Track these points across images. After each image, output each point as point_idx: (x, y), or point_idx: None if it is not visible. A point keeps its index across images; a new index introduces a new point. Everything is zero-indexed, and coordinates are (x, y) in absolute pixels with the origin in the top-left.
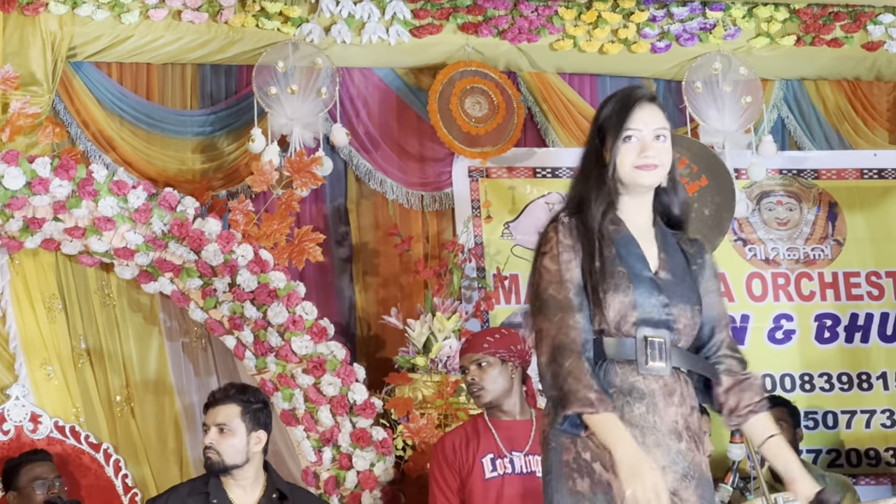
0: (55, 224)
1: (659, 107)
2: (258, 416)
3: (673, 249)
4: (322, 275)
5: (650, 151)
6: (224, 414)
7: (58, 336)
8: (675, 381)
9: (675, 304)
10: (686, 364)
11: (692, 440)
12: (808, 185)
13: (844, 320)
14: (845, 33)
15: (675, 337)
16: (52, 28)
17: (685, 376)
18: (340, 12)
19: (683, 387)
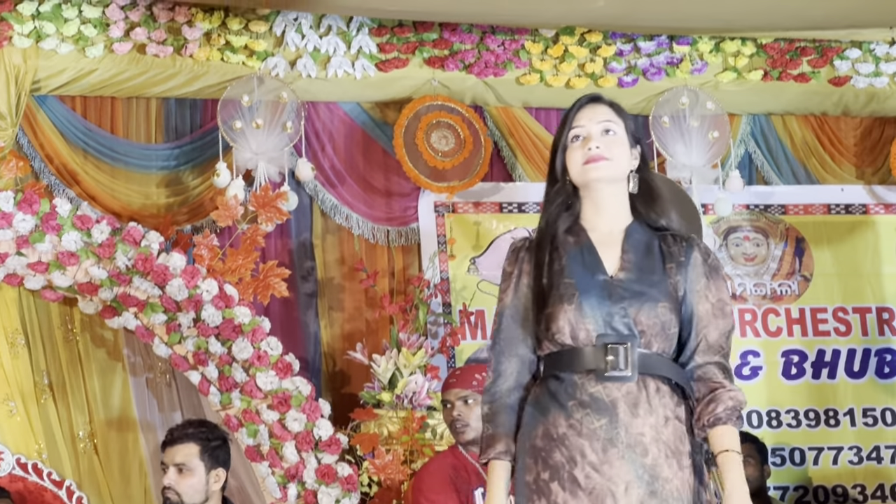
0: (18, 259)
1: (608, 105)
2: (217, 453)
3: (643, 248)
4: (287, 310)
5: (593, 143)
6: (183, 453)
7: (20, 371)
8: (641, 389)
9: (633, 305)
10: (656, 369)
11: (664, 454)
12: (775, 220)
13: (811, 356)
14: (812, 68)
15: (643, 340)
16: (16, 61)
17: (660, 383)
18: (306, 46)
19: (653, 396)
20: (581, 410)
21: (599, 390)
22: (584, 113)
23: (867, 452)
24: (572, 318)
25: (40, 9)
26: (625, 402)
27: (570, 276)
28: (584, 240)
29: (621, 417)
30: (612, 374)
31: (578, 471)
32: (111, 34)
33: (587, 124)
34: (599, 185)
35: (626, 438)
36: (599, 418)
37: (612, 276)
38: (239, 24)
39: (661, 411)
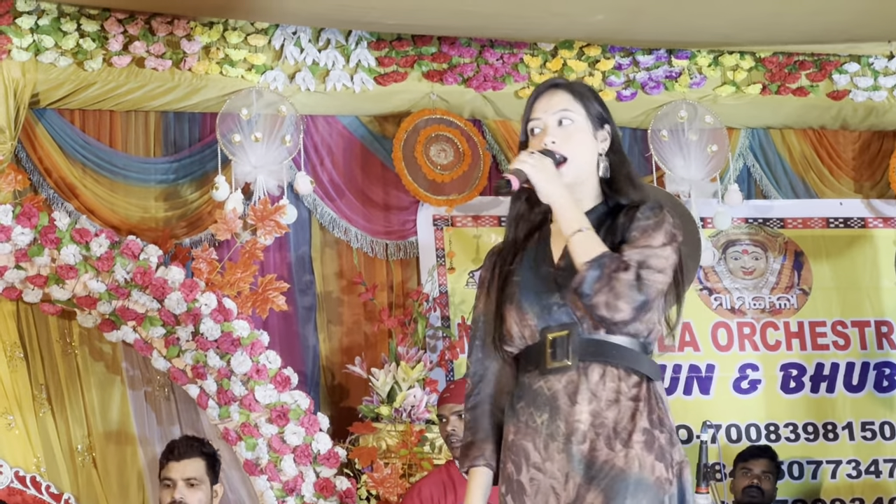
0: (17, 272)
1: (568, 90)
2: (217, 469)
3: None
4: (286, 323)
5: (549, 137)
6: (192, 468)
7: (19, 385)
8: (582, 377)
9: (568, 293)
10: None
11: (603, 436)
12: (773, 234)
13: (810, 370)
14: (811, 82)
15: (586, 325)
16: (15, 75)
17: (607, 368)
18: (305, 60)
19: (596, 382)
20: (526, 411)
21: (542, 385)
22: (540, 103)
23: (866, 466)
24: (516, 317)
25: (39, 22)
26: (565, 392)
27: (518, 274)
28: (545, 234)
29: (561, 409)
30: (552, 365)
31: (524, 475)
32: (110, 47)
33: (543, 115)
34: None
35: (565, 429)
36: (541, 414)
37: (556, 266)
38: (238, 38)
39: (605, 395)
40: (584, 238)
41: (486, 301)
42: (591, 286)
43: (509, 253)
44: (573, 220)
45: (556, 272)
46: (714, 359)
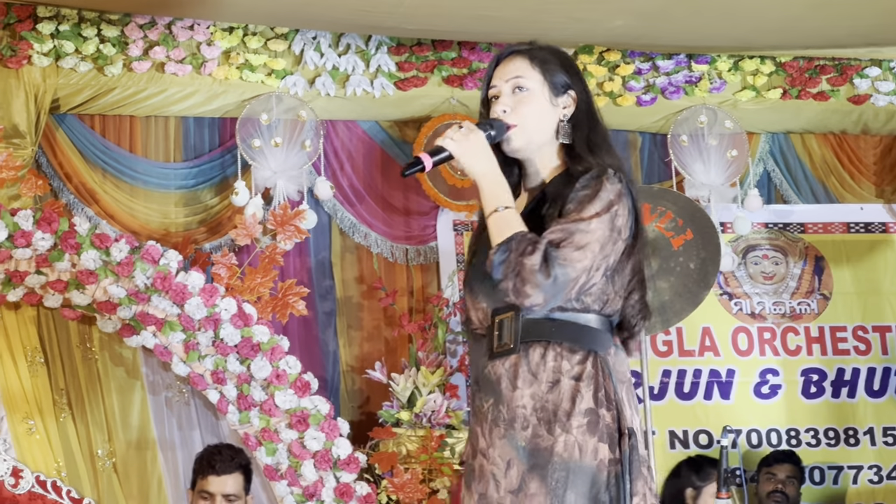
0: (37, 277)
1: (526, 56)
2: (251, 480)
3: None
4: (306, 328)
5: (500, 106)
6: (232, 484)
7: (39, 390)
8: (523, 359)
9: None
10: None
11: (544, 421)
12: (794, 238)
13: (831, 375)
14: (831, 87)
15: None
16: (36, 80)
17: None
18: (325, 65)
19: (537, 363)
20: (478, 395)
21: (490, 370)
22: (499, 69)
23: (887, 471)
24: (470, 301)
25: (59, 28)
26: (507, 376)
27: (476, 257)
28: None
29: (504, 394)
30: (497, 349)
31: (475, 461)
32: (130, 53)
33: (498, 83)
34: (519, 155)
35: (507, 414)
36: (487, 399)
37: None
38: (258, 43)
39: (545, 376)
40: (500, 218)
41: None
42: (498, 270)
43: (476, 236)
44: (492, 198)
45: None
46: (734, 364)
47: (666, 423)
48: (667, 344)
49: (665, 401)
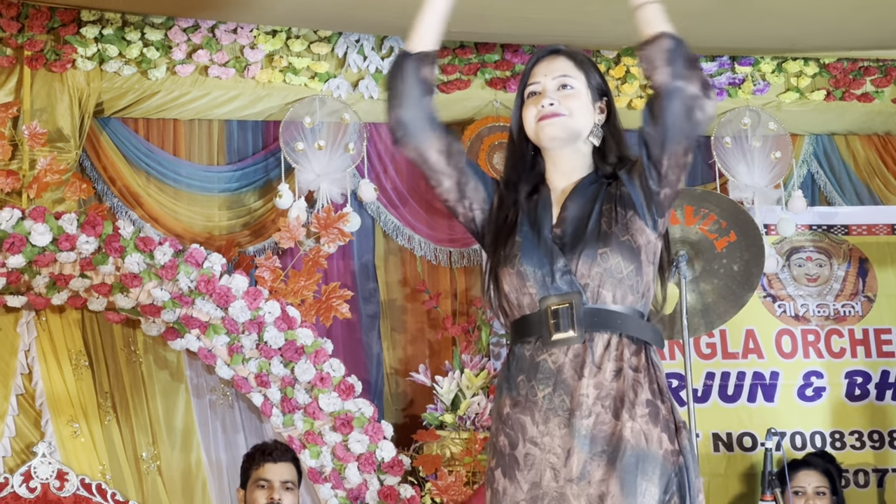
0: (82, 280)
1: (567, 56)
2: (301, 475)
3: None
4: (349, 331)
5: (546, 100)
6: (288, 471)
7: (84, 393)
8: (588, 348)
9: (572, 258)
10: (606, 325)
11: (610, 409)
12: (838, 240)
13: (875, 377)
14: (876, 88)
15: (589, 294)
16: (80, 84)
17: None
18: (368, 67)
19: (600, 352)
20: (527, 384)
21: (545, 358)
22: (541, 67)
23: None
24: (516, 282)
25: (103, 32)
26: (571, 365)
27: (519, 235)
28: (543, 198)
29: (567, 382)
30: (557, 337)
31: (519, 450)
32: (173, 56)
33: (542, 80)
34: (554, 144)
35: (570, 403)
36: (543, 388)
37: (553, 233)
38: (301, 46)
39: (610, 366)
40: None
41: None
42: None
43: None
44: None
45: (556, 237)
46: (778, 366)
47: (709, 426)
48: (710, 346)
49: (709, 403)
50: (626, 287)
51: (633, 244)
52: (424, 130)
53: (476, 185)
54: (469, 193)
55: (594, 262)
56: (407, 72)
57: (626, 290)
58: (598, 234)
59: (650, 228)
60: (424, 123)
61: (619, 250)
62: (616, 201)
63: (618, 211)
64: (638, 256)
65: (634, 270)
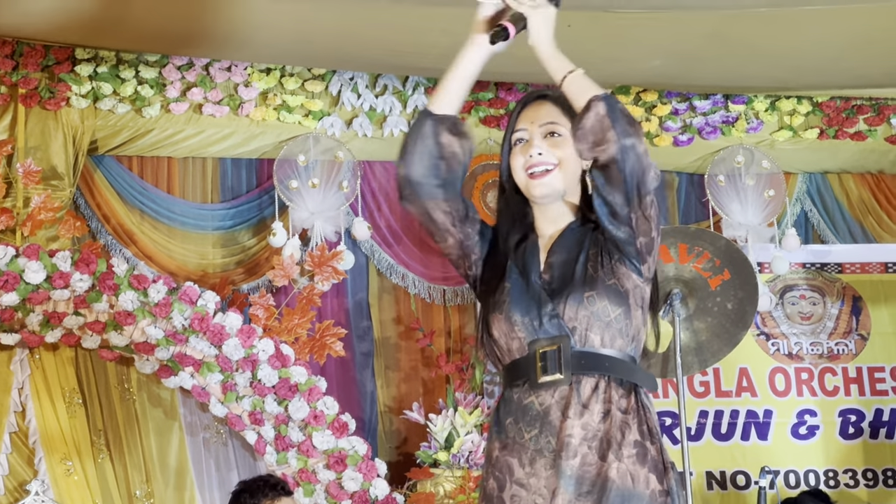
0: (75, 318)
1: (555, 102)
2: None
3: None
4: (343, 369)
5: (535, 149)
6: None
7: (77, 430)
8: (575, 391)
9: (559, 302)
10: (594, 368)
11: (594, 450)
12: (831, 279)
13: (869, 416)
14: (869, 126)
15: (577, 337)
16: (74, 122)
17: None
18: (362, 105)
19: (588, 395)
20: (515, 427)
21: (533, 400)
22: (527, 113)
23: None
24: (504, 328)
25: (98, 69)
26: (557, 407)
27: (508, 281)
28: (531, 245)
29: (552, 424)
30: (544, 379)
31: (506, 493)
32: (168, 94)
33: (529, 127)
34: (546, 201)
35: (556, 444)
36: (530, 430)
37: (541, 278)
38: (295, 84)
39: (598, 407)
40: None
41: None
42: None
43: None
44: (565, 62)
45: (544, 283)
46: (772, 404)
47: (703, 464)
48: (704, 384)
49: (702, 441)
50: (615, 330)
51: (621, 288)
52: (433, 192)
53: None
54: (471, 254)
55: (581, 305)
56: (424, 132)
57: (615, 333)
58: (584, 278)
59: (636, 274)
60: (434, 186)
61: (605, 294)
62: (602, 246)
63: (604, 256)
64: (626, 300)
65: (623, 314)
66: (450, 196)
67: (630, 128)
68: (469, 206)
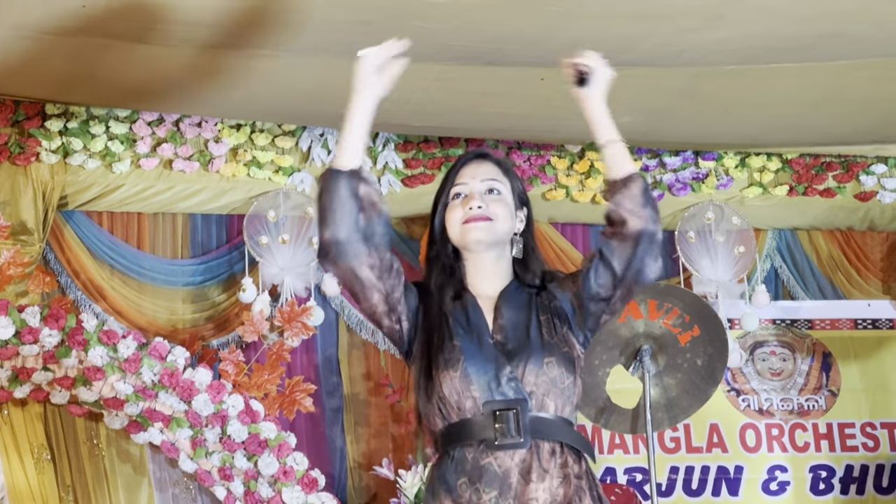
0: (44, 374)
1: (494, 162)
2: None
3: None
4: (313, 425)
5: (475, 202)
6: None
7: (45, 486)
8: (534, 455)
9: (518, 365)
10: (551, 434)
11: None
12: (801, 335)
13: (840, 472)
14: (838, 183)
15: (534, 402)
16: (44, 177)
17: (555, 446)
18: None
19: (547, 459)
20: (470, 487)
21: (490, 461)
22: (468, 170)
23: None
24: (459, 385)
25: (68, 125)
26: (518, 470)
27: (456, 339)
28: (470, 304)
29: (514, 486)
30: (503, 441)
31: None
32: (138, 150)
33: (470, 182)
34: (479, 247)
35: None
36: (490, 490)
37: (494, 339)
38: (265, 140)
39: (556, 472)
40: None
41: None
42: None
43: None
44: (612, 126)
45: (497, 344)
46: (742, 460)
47: None
48: (674, 440)
49: (673, 497)
50: (565, 398)
51: (572, 356)
52: (358, 249)
53: (403, 295)
54: (397, 306)
55: (540, 370)
56: (341, 190)
57: (565, 400)
58: (541, 343)
59: (580, 345)
60: (359, 242)
61: (560, 361)
62: (552, 313)
63: (555, 323)
64: (574, 369)
65: (572, 382)
66: (372, 247)
67: (657, 215)
68: (394, 256)
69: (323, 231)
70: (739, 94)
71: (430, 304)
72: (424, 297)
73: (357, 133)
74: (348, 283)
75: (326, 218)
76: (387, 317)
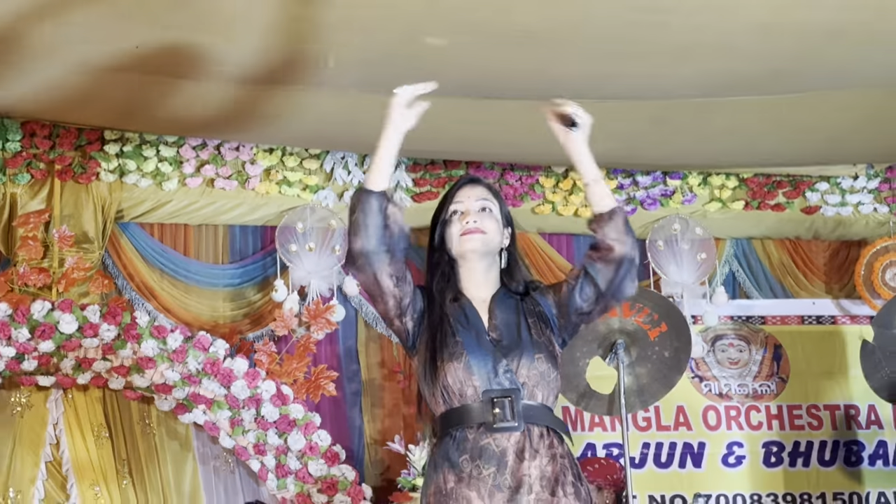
0: (103, 363)
1: (486, 186)
2: None
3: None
4: (335, 407)
5: (471, 217)
6: None
7: (104, 460)
8: (527, 437)
9: (514, 359)
10: (539, 420)
11: (545, 488)
12: (755, 329)
13: (788, 447)
14: (787, 199)
15: (526, 392)
16: (103, 194)
17: (543, 430)
18: (352, 181)
19: (538, 441)
20: (471, 463)
21: (490, 442)
22: (464, 191)
23: None
24: (462, 375)
25: (124, 149)
26: (513, 450)
27: (459, 335)
28: (466, 305)
29: (509, 464)
30: (500, 425)
31: None
32: (184, 170)
33: (466, 201)
34: (474, 256)
35: (512, 481)
36: (489, 467)
37: (490, 336)
38: (294, 162)
39: (545, 452)
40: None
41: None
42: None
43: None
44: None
45: (493, 340)
46: (705, 437)
47: (646, 489)
48: (646, 420)
49: (645, 469)
50: (550, 389)
51: (555, 354)
52: (382, 259)
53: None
54: (407, 309)
55: (532, 364)
56: (372, 207)
57: (550, 391)
58: (531, 341)
59: (559, 346)
60: (384, 254)
61: (548, 358)
62: (537, 317)
63: (541, 325)
64: (556, 365)
65: (556, 377)
66: (394, 260)
67: (636, 243)
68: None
69: (354, 242)
70: (703, 123)
71: (433, 306)
72: (428, 299)
73: (388, 160)
74: (369, 288)
75: (358, 231)
76: (397, 318)
